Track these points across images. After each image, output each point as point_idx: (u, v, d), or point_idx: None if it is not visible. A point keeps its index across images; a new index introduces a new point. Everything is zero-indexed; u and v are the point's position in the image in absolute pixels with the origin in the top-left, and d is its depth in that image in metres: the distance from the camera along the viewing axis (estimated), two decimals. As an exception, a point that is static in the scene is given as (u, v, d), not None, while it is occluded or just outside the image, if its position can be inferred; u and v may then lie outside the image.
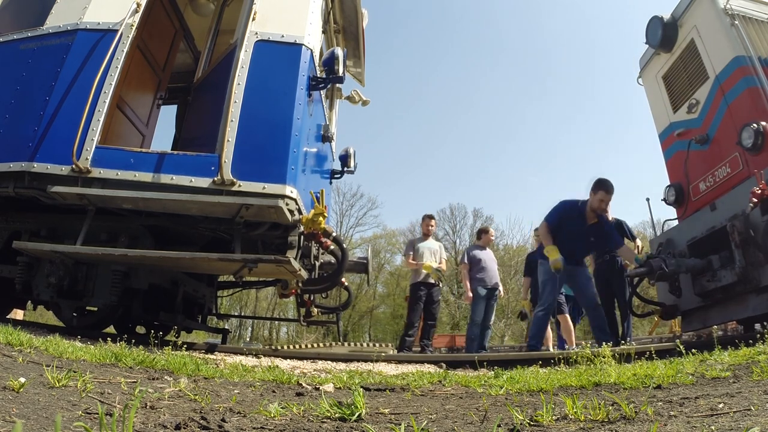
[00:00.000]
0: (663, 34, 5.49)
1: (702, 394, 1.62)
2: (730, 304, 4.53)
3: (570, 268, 4.94)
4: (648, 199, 5.91)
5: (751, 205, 3.98)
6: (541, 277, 5.25)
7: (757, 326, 4.88)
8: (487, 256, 7.01)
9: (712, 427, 1.11)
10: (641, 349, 3.38)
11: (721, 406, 1.37)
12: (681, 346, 3.01)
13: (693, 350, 3.05)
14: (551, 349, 5.82)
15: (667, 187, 5.68)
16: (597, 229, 5.01)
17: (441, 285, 6.93)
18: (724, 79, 4.79)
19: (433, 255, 6.77)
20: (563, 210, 5.12)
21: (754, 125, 4.28)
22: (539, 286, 5.34)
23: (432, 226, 7.09)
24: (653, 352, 3.02)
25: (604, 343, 3.89)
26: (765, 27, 4.89)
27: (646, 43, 5.88)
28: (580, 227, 5.00)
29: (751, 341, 2.85)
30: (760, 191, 3.92)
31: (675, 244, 5.17)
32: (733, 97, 4.69)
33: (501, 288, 7.13)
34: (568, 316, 6.48)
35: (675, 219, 5.66)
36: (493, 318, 7.12)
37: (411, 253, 6.78)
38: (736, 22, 4.71)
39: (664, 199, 5.69)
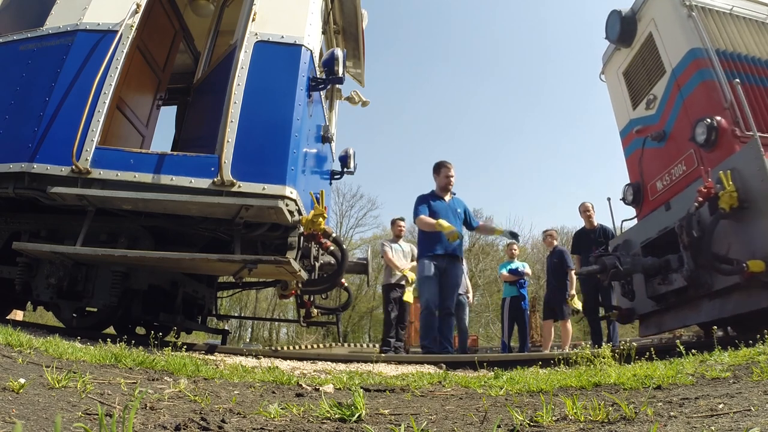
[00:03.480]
0: (621, 28, 5.29)
1: (702, 395, 1.62)
2: (683, 309, 4.28)
3: (445, 263, 5.04)
4: (609, 199, 5.72)
5: (696, 204, 3.74)
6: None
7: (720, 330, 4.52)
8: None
9: (712, 428, 1.11)
10: (641, 349, 3.37)
11: (721, 406, 1.37)
12: (681, 347, 3.01)
13: (693, 350, 3.05)
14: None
15: (625, 186, 5.45)
16: (455, 204, 5.41)
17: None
18: (679, 73, 4.56)
19: (406, 257, 6.92)
20: (424, 198, 5.38)
21: (708, 120, 4.04)
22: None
23: (402, 228, 7.35)
24: (653, 353, 3.02)
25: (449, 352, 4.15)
26: (726, 19, 4.65)
27: (605, 38, 5.65)
28: (442, 203, 5.32)
29: (750, 342, 2.85)
30: (706, 190, 3.70)
31: (632, 245, 4.92)
32: (688, 92, 4.46)
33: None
34: (569, 322, 6.57)
35: (633, 219, 5.43)
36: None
37: (389, 249, 6.87)
38: (693, 14, 4.47)
39: (623, 199, 5.46)
